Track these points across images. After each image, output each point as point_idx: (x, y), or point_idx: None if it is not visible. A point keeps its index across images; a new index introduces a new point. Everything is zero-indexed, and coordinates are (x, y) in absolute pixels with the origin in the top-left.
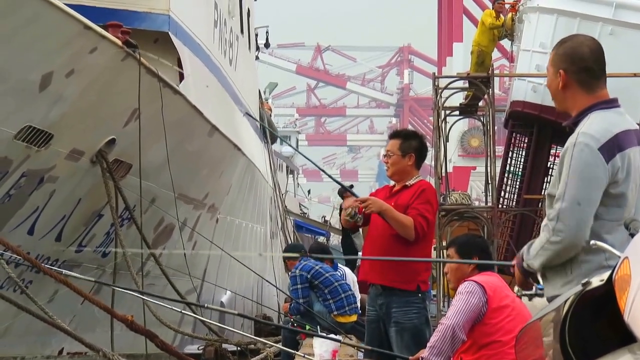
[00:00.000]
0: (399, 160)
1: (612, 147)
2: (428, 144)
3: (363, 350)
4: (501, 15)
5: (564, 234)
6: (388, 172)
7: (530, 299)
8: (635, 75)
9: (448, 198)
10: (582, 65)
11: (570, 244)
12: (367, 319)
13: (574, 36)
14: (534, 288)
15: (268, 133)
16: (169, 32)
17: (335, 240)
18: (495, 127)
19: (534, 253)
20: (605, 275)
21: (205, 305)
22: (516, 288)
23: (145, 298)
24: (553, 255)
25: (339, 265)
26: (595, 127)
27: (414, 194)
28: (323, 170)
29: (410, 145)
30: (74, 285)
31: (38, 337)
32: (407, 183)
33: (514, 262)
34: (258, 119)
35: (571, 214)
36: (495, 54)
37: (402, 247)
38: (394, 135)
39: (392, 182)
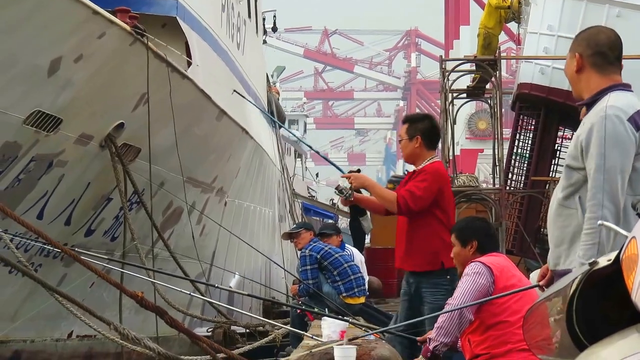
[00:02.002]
0: (407, 144)
1: (637, 120)
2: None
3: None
4: None
5: (613, 205)
6: (403, 157)
7: None
8: None
9: (455, 180)
10: (597, 50)
11: (617, 214)
12: (401, 293)
13: (594, 26)
14: None
15: (275, 116)
16: (177, 17)
17: (344, 223)
18: (503, 110)
19: (590, 243)
20: (613, 255)
21: (216, 285)
22: None
23: (155, 280)
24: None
25: (347, 245)
26: (621, 102)
27: (417, 176)
28: (317, 152)
29: (416, 128)
30: (88, 262)
31: (47, 321)
32: (420, 167)
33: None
34: (266, 103)
35: (614, 183)
36: (502, 37)
37: (421, 230)
38: (403, 120)
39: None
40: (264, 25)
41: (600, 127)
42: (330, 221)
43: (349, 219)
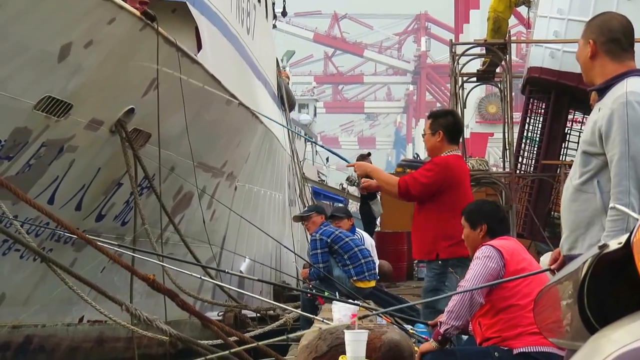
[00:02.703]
0: (429, 139)
1: None
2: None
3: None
4: None
5: (639, 191)
6: (427, 151)
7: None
8: None
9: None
10: (610, 36)
11: None
12: None
13: (607, 12)
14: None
15: (286, 101)
16: (187, 2)
17: (354, 207)
18: (513, 94)
19: (617, 229)
20: (624, 238)
21: (226, 270)
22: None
23: (166, 264)
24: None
25: (357, 229)
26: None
27: (426, 165)
28: (322, 146)
29: (438, 123)
30: (100, 245)
31: (59, 306)
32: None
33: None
34: (276, 87)
35: None
36: (512, 20)
37: (423, 221)
38: (428, 116)
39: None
40: (273, 9)
41: (622, 114)
42: (341, 205)
43: (359, 204)
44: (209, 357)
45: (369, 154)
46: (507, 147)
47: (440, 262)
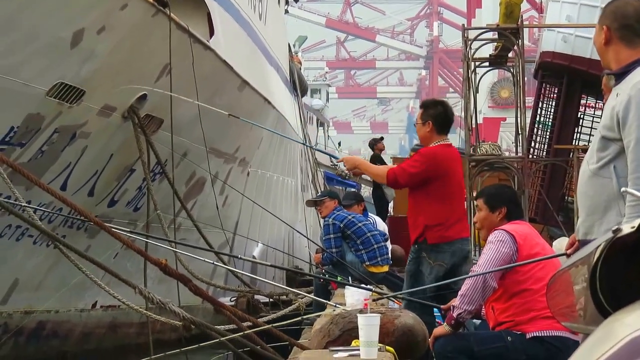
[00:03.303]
0: (421, 128)
1: None
2: (457, 96)
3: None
4: None
5: None
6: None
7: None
8: None
9: (478, 149)
10: (624, 23)
11: None
12: None
13: None
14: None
15: (298, 86)
16: None
17: (366, 191)
18: (525, 78)
19: (634, 214)
20: (637, 222)
21: (239, 256)
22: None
23: (179, 251)
24: None
25: (369, 214)
26: None
27: (413, 156)
28: (311, 147)
29: (428, 113)
30: (113, 231)
31: (72, 291)
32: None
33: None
34: (288, 72)
35: None
36: (524, 5)
37: (413, 207)
38: (420, 106)
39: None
40: None
41: (639, 100)
42: (353, 190)
43: (371, 188)
44: (224, 338)
45: (382, 139)
46: (520, 132)
47: (416, 246)
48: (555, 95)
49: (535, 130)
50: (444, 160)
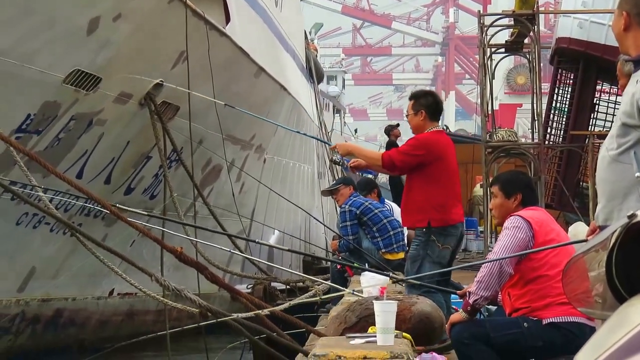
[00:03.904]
0: (412, 118)
1: None
2: (473, 82)
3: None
4: None
5: None
6: (411, 129)
7: None
8: None
9: (494, 135)
10: None
11: None
12: None
13: None
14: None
15: (314, 73)
16: None
17: (383, 178)
18: (541, 64)
19: None
20: None
21: (256, 240)
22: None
23: (195, 238)
24: None
25: (386, 200)
26: None
27: (409, 141)
28: (298, 132)
29: (420, 103)
30: (124, 218)
31: (88, 279)
32: None
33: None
34: (304, 60)
35: None
36: None
37: (412, 192)
38: (409, 97)
39: None
40: None
41: None
42: (369, 176)
43: (388, 175)
44: (238, 318)
45: (398, 125)
46: (536, 118)
47: (424, 230)
48: (571, 81)
49: (551, 116)
50: (438, 145)
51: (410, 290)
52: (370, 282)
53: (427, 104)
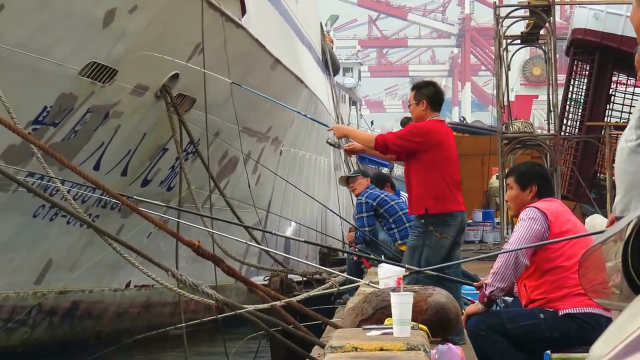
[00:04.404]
0: (414, 108)
1: None
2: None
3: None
4: None
5: None
6: (413, 118)
7: None
8: None
9: (510, 126)
10: None
11: None
12: None
13: None
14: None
15: (330, 65)
16: None
17: (399, 170)
18: (557, 55)
19: None
20: None
21: (273, 232)
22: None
23: (212, 230)
24: None
25: (402, 192)
26: None
27: (407, 127)
28: (305, 115)
29: (422, 93)
30: (140, 211)
31: (105, 270)
32: None
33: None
34: (320, 51)
35: None
36: None
37: (410, 179)
38: (411, 88)
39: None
40: None
41: None
42: (384, 170)
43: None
44: (254, 311)
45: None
46: (552, 109)
47: (422, 220)
48: (586, 72)
49: (567, 107)
50: (436, 133)
51: (416, 280)
52: (386, 273)
53: (428, 94)
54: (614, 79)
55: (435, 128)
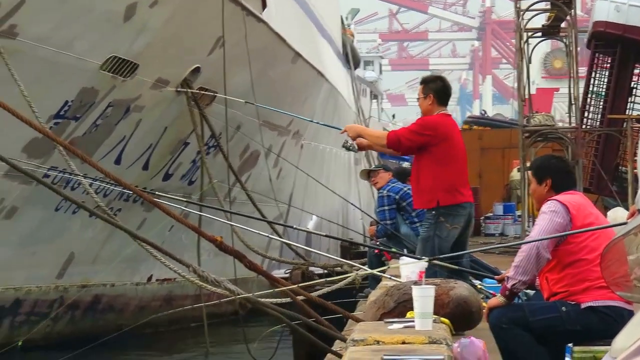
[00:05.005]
0: (422, 102)
1: None
2: (510, 67)
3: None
4: None
5: None
6: (421, 112)
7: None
8: None
9: (531, 119)
10: None
11: None
12: None
13: None
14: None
15: (351, 59)
16: None
17: None
18: (578, 48)
19: None
20: None
21: (294, 226)
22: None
23: (234, 223)
24: None
25: None
26: None
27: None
28: (314, 122)
29: (429, 88)
30: (162, 206)
31: (127, 264)
32: None
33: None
34: (340, 45)
35: None
36: None
37: (419, 173)
38: (420, 82)
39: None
40: None
41: None
42: (406, 164)
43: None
44: (276, 307)
45: None
46: (573, 102)
47: (433, 211)
48: (608, 65)
49: (589, 100)
50: (444, 127)
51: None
52: (408, 266)
53: (435, 89)
54: (636, 71)
55: (443, 122)
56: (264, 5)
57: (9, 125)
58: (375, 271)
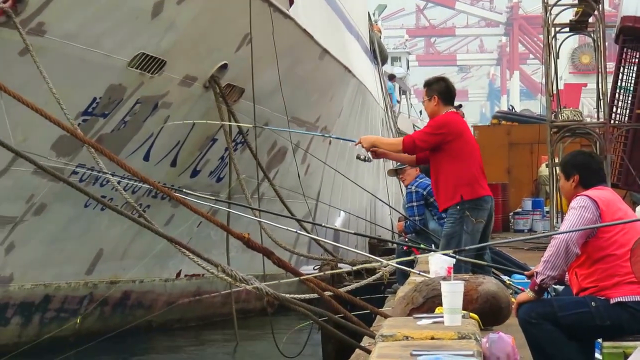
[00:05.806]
0: (427, 104)
1: None
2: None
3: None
4: None
5: None
6: (427, 114)
7: None
8: None
9: (559, 115)
10: None
11: None
12: None
13: None
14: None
15: (378, 55)
16: None
17: None
18: (606, 43)
19: None
20: None
21: (322, 224)
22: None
23: (262, 220)
24: None
25: None
26: None
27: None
28: (329, 137)
29: (432, 89)
30: (189, 204)
31: (156, 260)
32: None
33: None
34: (368, 41)
35: None
36: None
37: (439, 173)
38: (423, 85)
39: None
40: None
41: None
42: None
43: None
44: (305, 304)
45: (460, 106)
46: (601, 97)
47: (458, 207)
48: (636, 60)
49: (617, 95)
50: (454, 123)
51: (459, 266)
52: (437, 262)
53: (439, 90)
54: None
55: (453, 119)
56: (291, 2)
57: (38, 124)
58: (402, 259)
